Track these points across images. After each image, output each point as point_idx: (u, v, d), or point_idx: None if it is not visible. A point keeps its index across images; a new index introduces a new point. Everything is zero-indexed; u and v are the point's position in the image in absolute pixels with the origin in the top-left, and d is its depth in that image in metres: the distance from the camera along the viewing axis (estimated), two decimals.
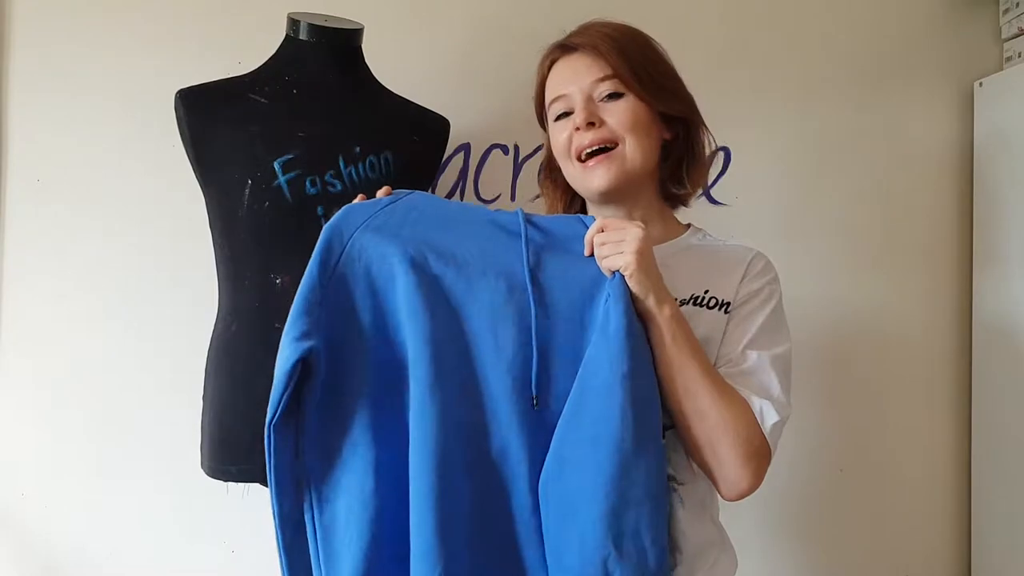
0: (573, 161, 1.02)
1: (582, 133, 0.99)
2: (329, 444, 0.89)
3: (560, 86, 1.02)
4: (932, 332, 1.58)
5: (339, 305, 0.90)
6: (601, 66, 0.99)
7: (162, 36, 1.50)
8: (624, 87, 0.99)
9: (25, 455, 1.50)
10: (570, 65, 1.02)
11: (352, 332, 0.90)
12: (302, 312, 0.88)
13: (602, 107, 1.00)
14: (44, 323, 1.50)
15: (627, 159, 0.99)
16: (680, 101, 1.04)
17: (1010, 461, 1.44)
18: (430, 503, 0.82)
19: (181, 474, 1.44)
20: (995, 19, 1.58)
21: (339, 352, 0.89)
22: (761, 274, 1.01)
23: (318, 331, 0.87)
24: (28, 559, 1.50)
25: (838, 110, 1.57)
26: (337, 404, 0.89)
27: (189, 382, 1.26)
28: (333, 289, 0.90)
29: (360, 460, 0.88)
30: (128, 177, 1.50)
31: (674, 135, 1.04)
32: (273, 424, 0.85)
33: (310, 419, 0.88)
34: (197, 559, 1.50)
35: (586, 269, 0.91)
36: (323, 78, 1.23)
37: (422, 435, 0.84)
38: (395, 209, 0.96)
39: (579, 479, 0.83)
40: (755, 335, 0.96)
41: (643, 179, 1.04)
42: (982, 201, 1.53)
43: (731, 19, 1.56)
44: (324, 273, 0.90)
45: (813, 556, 1.57)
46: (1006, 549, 1.45)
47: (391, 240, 0.91)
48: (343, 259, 0.91)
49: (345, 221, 0.93)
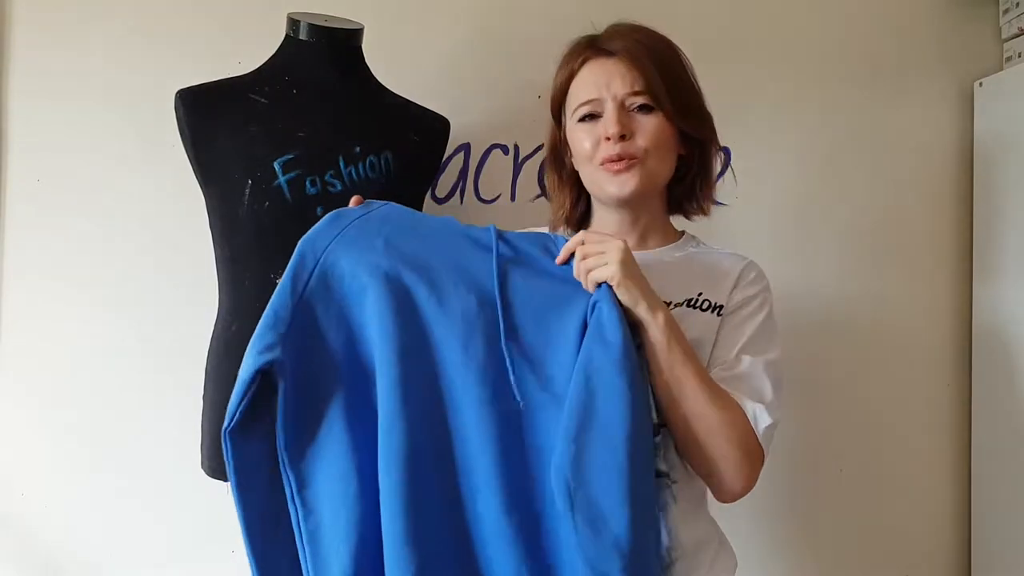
0: (595, 166, 1.01)
1: (612, 144, 0.99)
2: (307, 452, 0.89)
3: (592, 89, 1.01)
4: (932, 332, 1.58)
5: (311, 319, 0.90)
6: (636, 77, 0.99)
7: (162, 36, 1.50)
8: (656, 103, 0.99)
9: (25, 455, 1.50)
10: (605, 69, 1.01)
11: (324, 344, 0.90)
12: (270, 325, 0.88)
13: (632, 119, 1.00)
14: (44, 323, 1.50)
15: (651, 171, 1.00)
16: (703, 123, 1.05)
17: (1010, 461, 1.43)
18: (400, 510, 0.83)
19: (181, 474, 1.44)
20: (995, 19, 1.58)
21: (311, 364, 0.89)
22: (754, 282, 1.03)
23: (285, 344, 0.87)
24: (28, 559, 1.50)
25: (838, 110, 1.57)
26: (312, 415, 0.89)
27: (189, 382, 1.26)
28: (305, 303, 0.90)
29: (339, 467, 0.88)
30: (128, 177, 1.50)
31: (688, 152, 1.05)
32: (228, 431, 0.86)
33: (286, 429, 0.88)
34: (197, 559, 1.50)
35: (555, 286, 0.92)
36: (323, 78, 1.23)
37: (390, 446, 0.85)
38: (368, 220, 0.96)
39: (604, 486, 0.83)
40: (748, 340, 0.98)
41: (657, 191, 1.05)
42: (982, 201, 1.53)
43: (730, 19, 1.56)
44: (296, 287, 0.90)
45: (813, 556, 1.57)
46: (1006, 549, 1.45)
47: (364, 252, 0.92)
48: (316, 273, 0.91)
49: (319, 234, 0.94)
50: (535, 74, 1.09)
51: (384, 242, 0.94)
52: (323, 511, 0.88)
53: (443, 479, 0.87)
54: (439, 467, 0.87)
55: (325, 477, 0.88)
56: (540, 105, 1.47)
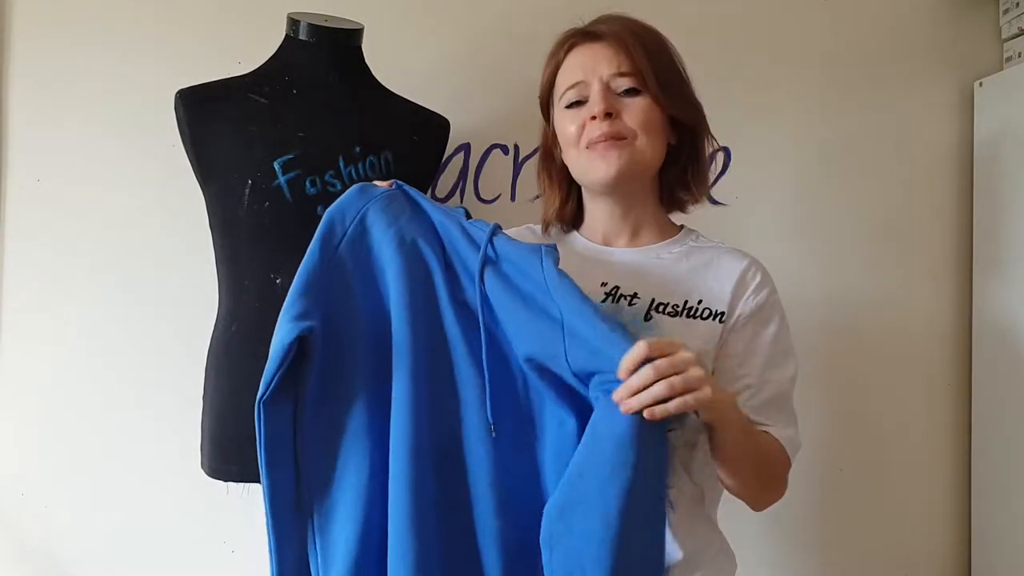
0: (581, 149, 0.99)
1: (598, 123, 0.96)
2: (327, 433, 0.89)
3: (578, 72, 0.99)
4: (932, 332, 1.58)
5: (338, 287, 0.90)
6: (623, 60, 0.97)
7: (162, 36, 1.50)
8: (643, 86, 0.97)
9: (25, 455, 1.50)
10: (591, 53, 0.99)
11: (349, 315, 0.90)
12: (302, 292, 0.88)
13: (619, 101, 0.98)
14: (44, 323, 1.50)
15: (637, 152, 0.97)
16: (692, 108, 1.03)
17: (1010, 461, 1.43)
18: (406, 500, 0.84)
19: (181, 474, 1.44)
20: (995, 19, 1.58)
21: (336, 335, 0.89)
22: (760, 287, 0.99)
23: (316, 312, 0.87)
24: (28, 559, 1.50)
25: (838, 110, 1.57)
26: (335, 390, 0.90)
27: (189, 382, 1.27)
28: (333, 271, 0.90)
29: (356, 450, 0.89)
30: (128, 177, 1.50)
31: (679, 141, 1.03)
32: (263, 400, 0.86)
33: (309, 404, 0.89)
34: (197, 559, 1.49)
35: (532, 319, 0.88)
36: (323, 78, 1.23)
37: (399, 428, 0.86)
38: (395, 197, 0.96)
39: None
40: (769, 358, 0.98)
41: (646, 179, 1.03)
42: (982, 201, 1.53)
43: (730, 19, 1.56)
44: (325, 254, 0.90)
45: (813, 556, 1.57)
46: (1006, 549, 1.45)
47: (390, 227, 0.92)
48: (344, 242, 0.91)
49: (349, 204, 0.94)
50: (535, 74, 1.08)
51: (409, 219, 0.94)
52: (336, 496, 0.88)
53: (448, 473, 0.87)
54: (445, 460, 0.87)
55: (341, 461, 0.89)
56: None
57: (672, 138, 1.03)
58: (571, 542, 0.79)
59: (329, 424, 0.89)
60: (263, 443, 0.87)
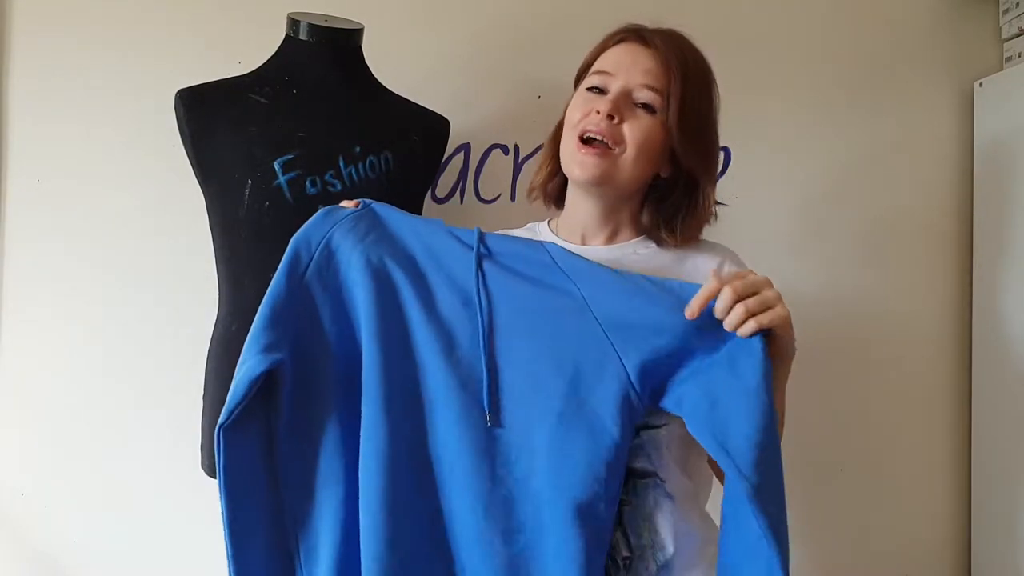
0: (575, 137, 0.99)
1: (598, 119, 0.96)
2: (304, 457, 0.89)
3: (612, 64, 0.99)
4: (932, 332, 1.58)
5: (306, 314, 0.90)
6: (658, 76, 0.97)
7: (162, 36, 1.50)
8: (661, 107, 0.97)
9: (25, 455, 1.50)
10: (634, 55, 0.99)
11: (319, 339, 0.90)
12: (268, 323, 0.88)
13: (630, 109, 0.97)
14: (44, 323, 1.50)
15: (619, 166, 0.97)
16: (700, 155, 1.01)
17: (1010, 461, 1.43)
18: (378, 514, 0.83)
19: (181, 474, 1.44)
20: (995, 19, 1.58)
21: (307, 361, 0.89)
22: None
23: (284, 342, 0.87)
24: (28, 559, 1.50)
25: (838, 110, 1.57)
26: (308, 414, 0.89)
27: (189, 382, 1.27)
28: (300, 298, 0.90)
29: (334, 474, 0.88)
30: (128, 177, 1.50)
31: (671, 177, 1.02)
32: (224, 427, 0.85)
33: (283, 429, 0.88)
34: (197, 559, 1.49)
35: (540, 292, 0.90)
36: (323, 78, 1.23)
37: (372, 448, 0.85)
38: (361, 217, 0.96)
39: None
40: None
41: (625, 196, 1.02)
42: (982, 201, 1.53)
43: (731, 19, 1.56)
44: (291, 283, 0.90)
45: (813, 556, 1.57)
46: (1006, 549, 1.45)
47: (355, 249, 0.92)
48: (311, 268, 0.91)
49: (314, 229, 0.94)
50: (535, 74, 1.09)
51: (376, 238, 0.94)
52: (317, 512, 0.88)
53: (422, 484, 0.86)
54: (417, 473, 0.86)
55: (321, 478, 0.88)
56: (540, 105, 1.48)
57: (665, 171, 1.01)
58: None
59: (307, 447, 0.89)
60: (223, 469, 0.86)
